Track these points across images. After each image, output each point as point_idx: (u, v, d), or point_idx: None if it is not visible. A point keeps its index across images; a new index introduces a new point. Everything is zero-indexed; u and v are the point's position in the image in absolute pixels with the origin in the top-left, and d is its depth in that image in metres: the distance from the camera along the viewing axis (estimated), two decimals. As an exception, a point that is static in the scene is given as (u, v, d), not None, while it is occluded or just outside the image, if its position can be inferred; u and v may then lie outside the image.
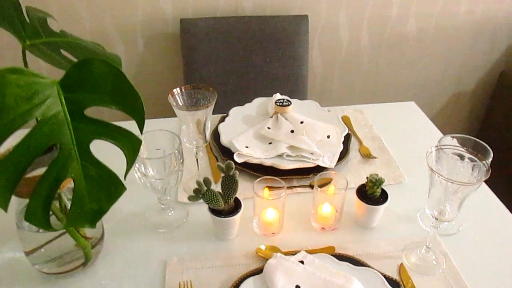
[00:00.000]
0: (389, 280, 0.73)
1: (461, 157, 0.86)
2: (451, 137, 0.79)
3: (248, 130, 1.07)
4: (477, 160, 0.67)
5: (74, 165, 0.58)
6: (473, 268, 0.78)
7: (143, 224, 0.87)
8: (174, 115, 0.88)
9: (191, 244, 0.83)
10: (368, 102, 1.90)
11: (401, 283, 0.73)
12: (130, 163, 0.63)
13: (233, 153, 1.00)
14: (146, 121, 1.23)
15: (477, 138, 2.25)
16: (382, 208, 0.82)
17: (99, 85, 0.57)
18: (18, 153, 0.54)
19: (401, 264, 0.78)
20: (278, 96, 1.16)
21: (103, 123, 0.60)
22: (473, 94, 1.93)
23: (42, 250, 0.73)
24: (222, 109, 1.60)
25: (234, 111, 1.17)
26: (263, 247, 0.79)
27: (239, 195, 0.92)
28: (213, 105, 0.85)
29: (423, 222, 0.87)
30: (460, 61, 1.82)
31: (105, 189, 0.62)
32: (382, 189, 0.84)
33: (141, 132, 0.65)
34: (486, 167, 0.65)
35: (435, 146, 0.70)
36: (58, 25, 0.74)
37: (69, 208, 0.61)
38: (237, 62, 1.57)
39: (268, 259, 0.76)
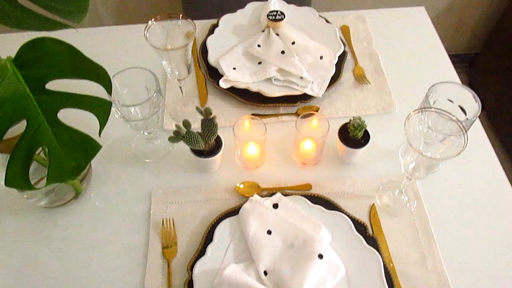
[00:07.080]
0: (357, 223, 0.78)
1: (450, 101, 0.83)
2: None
3: (237, 46, 1.01)
4: (461, 129, 0.65)
5: (45, 134, 0.59)
6: (443, 211, 0.81)
7: (130, 152, 0.90)
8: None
9: (176, 175, 0.87)
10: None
11: (368, 226, 0.79)
12: (103, 123, 0.64)
13: (220, 74, 0.97)
14: (136, 25, 1.15)
15: (497, 25, 2.06)
16: (362, 150, 0.83)
17: (55, 61, 0.54)
18: (-15, 133, 0.55)
19: (373, 204, 0.82)
20: (272, 3, 1.06)
21: (67, 94, 0.58)
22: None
23: (34, 186, 0.79)
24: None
25: (225, 20, 1.08)
26: (241, 186, 0.83)
27: (223, 121, 0.93)
28: (193, 40, 0.79)
29: (403, 159, 0.88)
30: None
31: (80, 149, 0.64)
32: (365, 130, 0.83)
33: (110, 95, 0.63)
34: (465, 141, 0.63)
35: (414, 111, 0.67)
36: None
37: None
38: None
39: (246, 196, 0.81)
